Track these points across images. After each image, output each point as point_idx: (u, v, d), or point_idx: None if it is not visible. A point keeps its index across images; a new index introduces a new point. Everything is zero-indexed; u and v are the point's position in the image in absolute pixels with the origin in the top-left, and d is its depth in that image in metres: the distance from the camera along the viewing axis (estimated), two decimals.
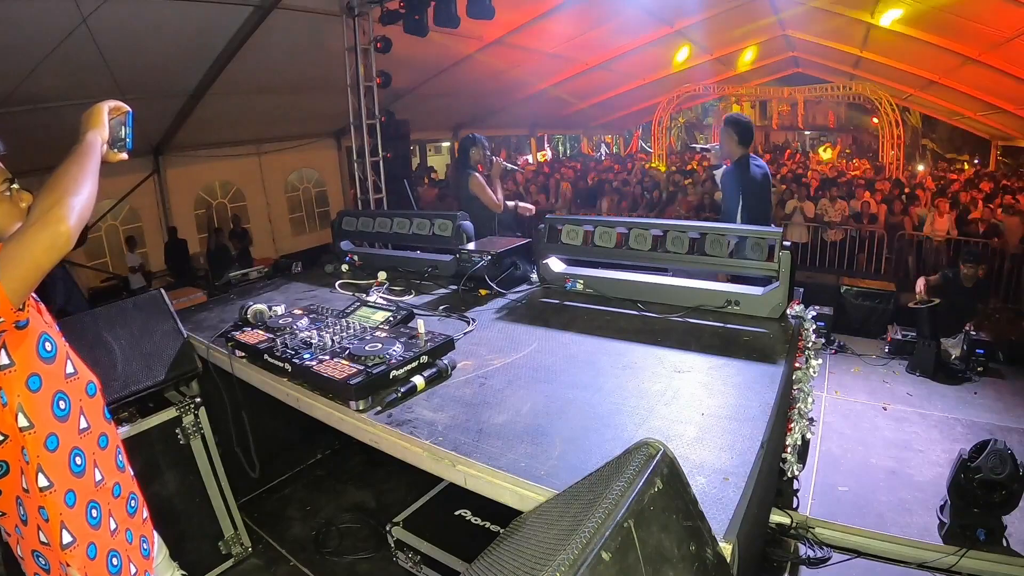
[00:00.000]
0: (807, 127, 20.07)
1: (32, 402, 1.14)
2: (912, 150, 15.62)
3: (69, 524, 1.19)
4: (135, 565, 1.32)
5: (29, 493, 1.15)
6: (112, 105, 1.29)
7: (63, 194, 1.05)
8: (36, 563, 1.21)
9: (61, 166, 1.11)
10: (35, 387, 1.15)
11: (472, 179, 3.88)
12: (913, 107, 14.70)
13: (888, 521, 2.59)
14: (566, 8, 8.24)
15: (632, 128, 20.83)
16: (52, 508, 1.16)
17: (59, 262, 1.07)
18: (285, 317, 2.09)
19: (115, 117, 1.28)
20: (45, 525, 1.17)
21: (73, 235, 1.04)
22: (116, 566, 1.26)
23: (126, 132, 1.30)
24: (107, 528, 1.26)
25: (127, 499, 1.34)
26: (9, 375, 1.11)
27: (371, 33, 6.33)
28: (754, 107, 20.25)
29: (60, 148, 1.17)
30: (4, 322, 1.04)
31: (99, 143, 1.21)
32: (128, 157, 1.32)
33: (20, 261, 1.00)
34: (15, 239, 1.02)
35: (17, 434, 1.12)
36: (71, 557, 1.18)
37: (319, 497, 2.94)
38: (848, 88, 13.46)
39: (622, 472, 0.86)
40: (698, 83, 14.23)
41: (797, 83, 14.79)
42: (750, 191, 3.33)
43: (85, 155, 1.15)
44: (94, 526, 1.23)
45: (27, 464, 1.14)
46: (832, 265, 8.31)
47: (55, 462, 1.17)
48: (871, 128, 17.12)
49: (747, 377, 1.68)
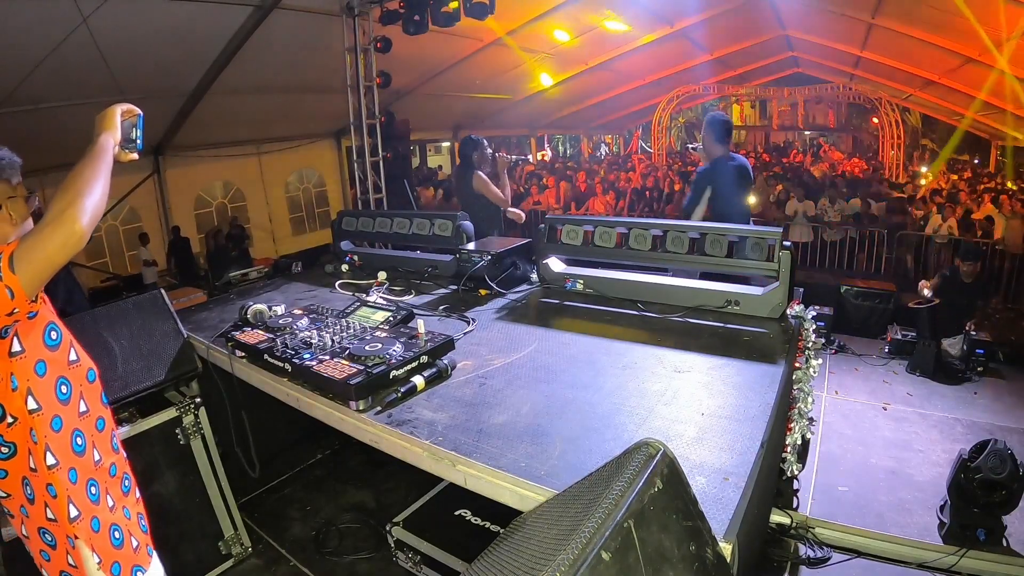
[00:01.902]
0: (807, 127, 20.05)
1: (39, 386, 1.23)
2: (912, 150, 15.61)
3: (75, 499, 1.27)
4: (136, 539, 1.39)
5: (37, 472, 1.23)
6: (124, 108, 1.37)
7: (76, 195, 1.14)
8: (42, 540, 1.28)
9: (76, 167, 1.20)
10: (41, 372, 1.24)
11: (476, 177, 3.92)
12: (913, 107, 14.70)
13: (888, 521, 2.59)
14: (566, 8, 8.24)
15: (632, 128, 20.83)
16: (59, 484, 1.24)
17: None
18: (285, 317, 2.09)
19: (127, 119, 1.36)
20: (53, 501, 1.25)
21: (86, 234, 1.12)
22: (119, 539, 1.34)
23: (137, 134, 1.38)
24: (106, 504, 1.34)
25: (121, 479, 1.42)
26: (20, 361, 1.20)
27: (371, 33, 6.32)
28: (754, 107, 20.27)
29: (60, 148, 1.22)
30: (19, 312, 1.15)
31: (111, 145, 1.30)
32: (139, 157, 1.40)
33: (36, 257, 1.10)
34: (31, 236, 1.12)
35: (27, 416, 1.21)
36: (78, 529, 1.26)
37: (319, 497, 2.94)
38: (848, 88, 13.45)
39: (622, 472, 0.86)
40: (698, 83, 14.22)
41: (797, 83, 14.78)
42: (718, 189, 3.41)
43: (98, 157, 1.24)
44: (94, 502, 1.31)
45: (35, 444, 1.22)
46: (832, 265, 8.31)
47: (60, 442, 1.26)
48: (871, 128, 17.11)
49: (747, 377, 1.68)
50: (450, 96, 10.65)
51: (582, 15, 8.64)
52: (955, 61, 8.87)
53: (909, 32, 8.49)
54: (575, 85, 12.34)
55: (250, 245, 8.92)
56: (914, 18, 8.03)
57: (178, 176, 8.36)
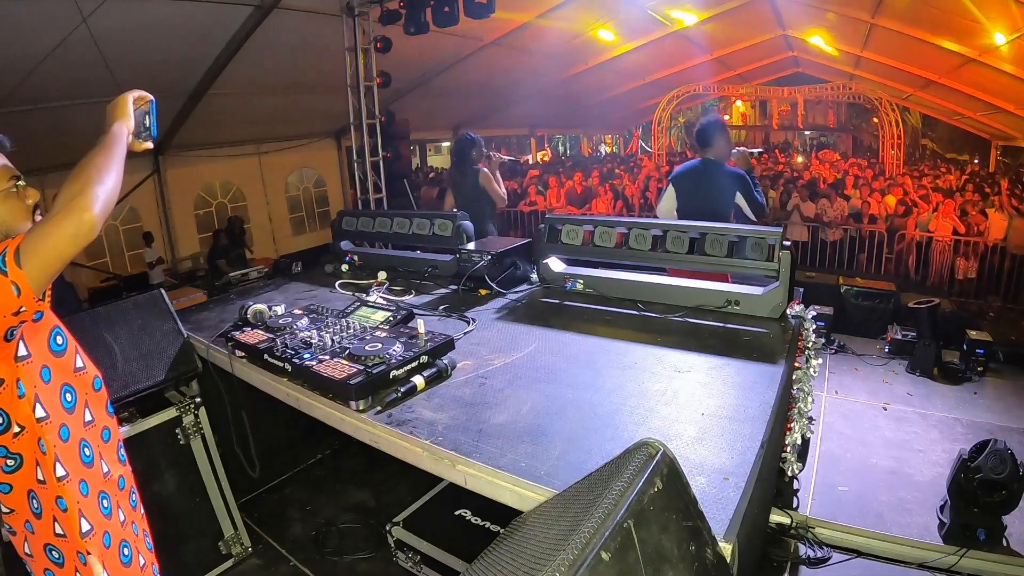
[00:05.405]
0: (807, 127, 20.05)
1: (45, 393, 1.16)
2: (912, 150, 15.61)
3: (86, 512, 1.19)
4: (143, 557, 1.33)
5: (46, 484, 1.15)
6: (136, 95, 1.30)
7: (87, 183, 1.05)
8: (48, 557, 1.20)
9: (87, 156, 1.12)
10: (47, 378, 1.17)
11: (482, 174, 3.93)
12: (913, 107, 14.69)
13: (888, 521, 2.59)
14: (566, 8, 8.23)
15: (632, 128, 20.82)
16: (70, 497, 1.17)
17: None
18: (285, 317, 2.09)
19: (139, 107, 1.30)
20: (63, 515, 1.17)
21: (97, 224, 1.04)
22: (127, 556, 1.27)
23: (150, 121, 1.32)
24: (117, 519, 1.27)
25: (129, 493, 1.36)
26: (27, 366, 1.13)
27: (371, 33, 6.32)
28: (754, 107, 20.27)
29: (61, 148, 1.18)
30: (26, 311, 1.05)
31: (124, 133, 1.22)
32: (153, 146, 1.33)
33: (43, 250, 1.01)
34: (38, 228, 1.03)
35: (34, 425, 1.13)
36: (91, 545, 1.19)
37: (319, 497, 2.94)
38: (848, 88, 13.45)
39: (622, 472, 0.86)
40: (698, 83, 14.22)
41: (797, 83, 14.78)
42: (679, 191, 3.46)
43: (111, 146, 1.16)
44: (107, 515, 1.24)
45: (44, 455, 1.14)
46: (832, 265, 8.31)
47: (69, 452, 1.19)
48: (871, 128, 17.11)
49: (747, 377, 1.68)
50: (450, 96, 10.64)
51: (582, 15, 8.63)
52: (955, 61, 8.87)
53: (909, 32, 8.49)
54: (575, 85, 12.34)
55: (250, 244, 8.91)
56: (914, 18, 8.03)
57: (178, 176, 8.36)
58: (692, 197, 3.40)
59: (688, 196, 3.42)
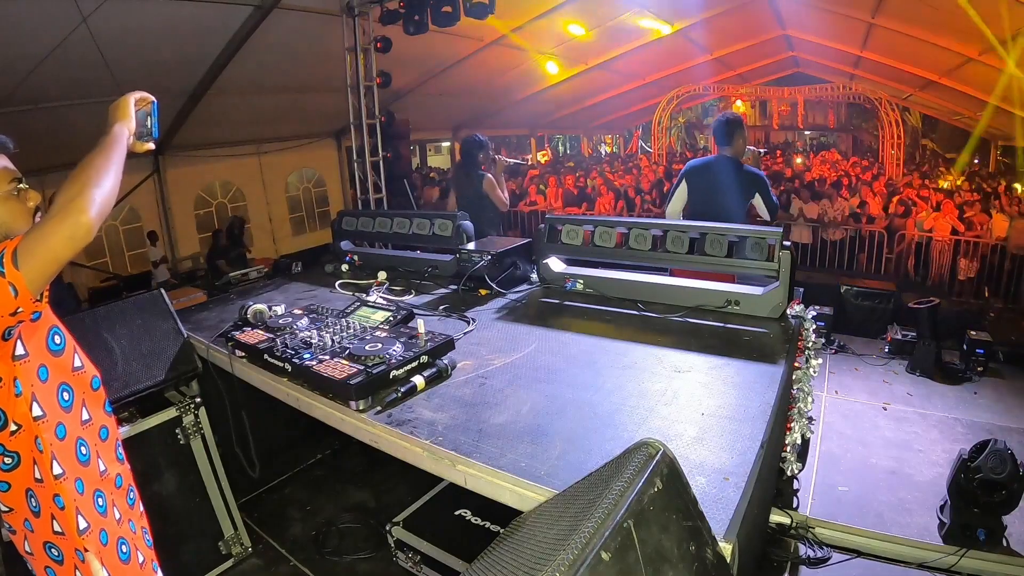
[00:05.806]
0: (807, 127, 20.05)
1: (42, 392, 1.17)
2: (912, 150, 15.60)
3: (83, 510, 1.21)
4: (142, 554, 1.34)
5: (43, 482, 1.17)
6: (138, 96, 1.30)
7: (84, 185, 1.06)
8: (48, 555, 1.21)
9: (86, 158, 1.13)
10: (44, 377, 1.18)
11: (486, 179, 3.93)
12: (913, 107, 14.69)
13: (888, 521, 2.59)
14: (566, 8, 8.23)
15: (632, 128, 20.81)
16: (67, 495, 1.18)
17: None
18: (285, 317, 2.09)
19: (141, 108, 1.30)
20: (61, 513, 1.18)
21: (94, 227, 1.05)
22: (125, 553, 1.29)
23: (152, 122, 1.32)
24: (113, 517, 1.28)
25: (127, 491, 1.37)
26: (24, 365, 1.14)
27: (371, 33, 6.32)
28: (754, 107, 20.25)
29: (61, 148, 1.18)
30: (23, 312, 1.06)
31: (125, 135, 1.23)
32: (155, 147, 1.34)
33: (40, 252, 1.02)
34: (36, 229, 1.04)
35: (31, 423, 1.15)
36: (88, 542, 1.21)
37: (319, 497, 2.94)
38: (848, 88, 13.45)
39: (622, 472, 0.86)
40: (698, 83, 14.22)
41: (797, 83, 14.78)
42: (692, 187, 3.38)
43: (110, 147, 1.17)
44: (102, 513, 1.25)
45: (40, 453, 1.16)
46: (832, 265, 8.30)
47: (65, 450, 1.20)
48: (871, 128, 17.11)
49: (747, 377, 1.68)
50: (450, 96, 10.64)
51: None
52: (955, 61, 8.86)
53: (909, 32, 8.49)
54: (575, 85, 12.34)
55: (250, 244, 8.90)
56: (914, 18, 8.03)
57: (178, 176, 8.35)
58: (706, 193, 3.31)
59: (701, 192, 3.33)
